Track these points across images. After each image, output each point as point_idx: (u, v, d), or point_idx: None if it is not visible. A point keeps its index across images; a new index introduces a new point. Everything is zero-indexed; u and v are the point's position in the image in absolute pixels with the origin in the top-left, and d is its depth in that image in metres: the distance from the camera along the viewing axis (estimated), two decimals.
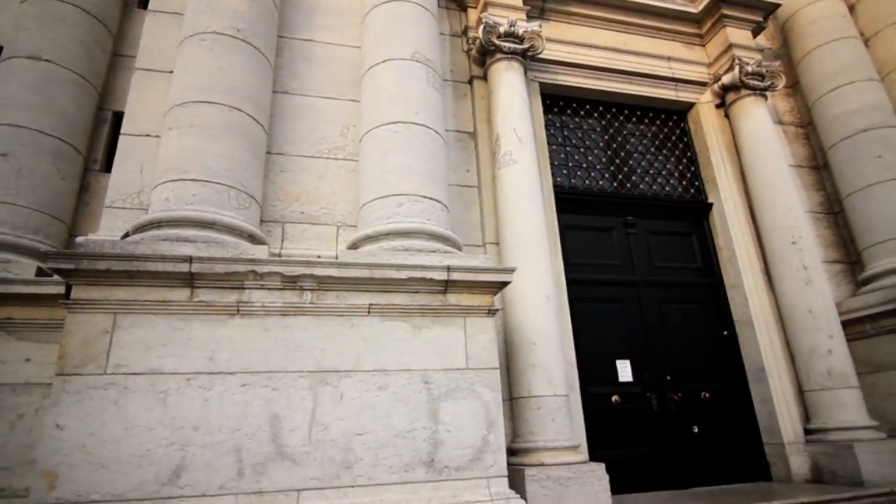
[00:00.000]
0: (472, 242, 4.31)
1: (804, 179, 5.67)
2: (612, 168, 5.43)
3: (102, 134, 4.29)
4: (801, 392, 4.64)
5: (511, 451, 3.66)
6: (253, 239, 3.03)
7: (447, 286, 2.96)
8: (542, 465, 3.40)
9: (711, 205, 5.42)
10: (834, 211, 5.56)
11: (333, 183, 4.05)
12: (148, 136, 3.53)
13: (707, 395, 4.77)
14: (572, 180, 5.23)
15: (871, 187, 4.90)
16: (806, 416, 4.59)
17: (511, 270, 3.10)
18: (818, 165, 5.76)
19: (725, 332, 5.05)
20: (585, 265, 4.91)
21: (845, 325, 4.72)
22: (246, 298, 2.73)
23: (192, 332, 2.64)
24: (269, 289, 2.76)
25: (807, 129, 5.93)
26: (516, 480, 3.30)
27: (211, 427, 2.50)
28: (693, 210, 5.48)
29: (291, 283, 2.78)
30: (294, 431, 2.58)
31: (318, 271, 2.79)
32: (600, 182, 5.34)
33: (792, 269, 4.74)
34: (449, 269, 2.93)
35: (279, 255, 3.25)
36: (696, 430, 4.64)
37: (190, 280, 2.66)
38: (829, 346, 4.47)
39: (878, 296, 4.61)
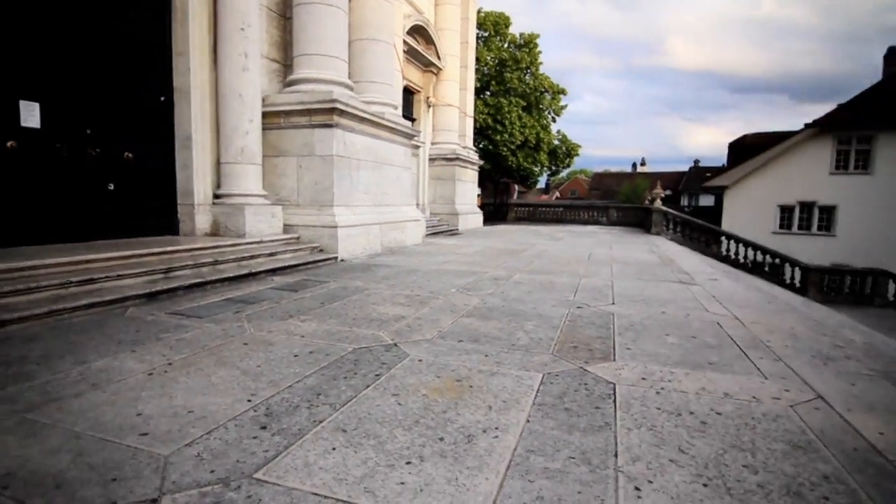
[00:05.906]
0: None
1: None
2: None
3: None
4: (218, 163, 5.34)
5: None
6: None
7: None
8: None
9: None
10: (287, 16, 6.20)
11: None
12: None
13: (130, 155, 4.74)
14: None
15: (314, 4, 5.70)
16: (217, 184, 5.38)
17: None
18: None
19: (163, 98, 5.03)
20: None
21: (266, 115, 5.64)
22: None
23: None
24: None
25: None
26: None
27: None
28: None
29: None
30: None
31: None
32: None
33: (235, 52, 5.10)
34: None
35: None
36: (112, 187, 4.60)
37: None
38: (248, 128, 5.27)
39: (294, 97, 5.67)
